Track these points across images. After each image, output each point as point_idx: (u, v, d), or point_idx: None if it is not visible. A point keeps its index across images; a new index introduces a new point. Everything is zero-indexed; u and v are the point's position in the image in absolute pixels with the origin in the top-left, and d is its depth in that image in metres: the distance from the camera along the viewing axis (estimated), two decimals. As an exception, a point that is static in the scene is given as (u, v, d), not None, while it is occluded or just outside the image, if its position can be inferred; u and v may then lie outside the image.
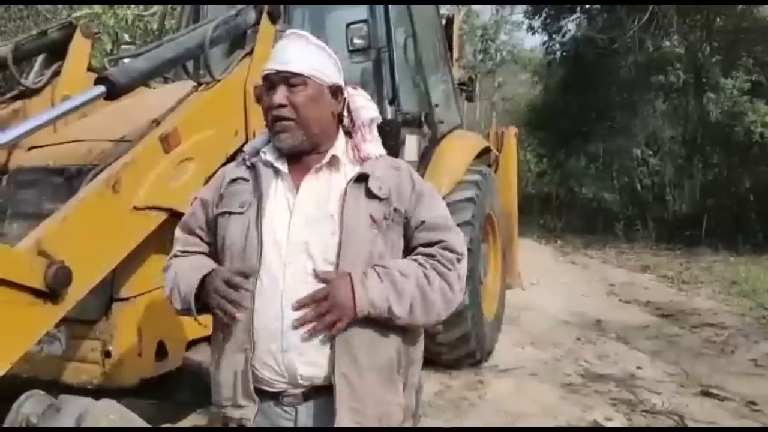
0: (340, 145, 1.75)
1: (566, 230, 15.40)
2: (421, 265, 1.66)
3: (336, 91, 1.75)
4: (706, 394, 4.67)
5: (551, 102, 17.95)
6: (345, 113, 1.80)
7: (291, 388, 1.63)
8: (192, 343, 2.86)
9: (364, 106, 1.80)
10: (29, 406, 1.58)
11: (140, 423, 1.67)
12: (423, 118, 4.69)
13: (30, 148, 2.84)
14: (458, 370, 4.87)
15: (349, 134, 1.80)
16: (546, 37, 17.37)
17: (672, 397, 4.55)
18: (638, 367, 5.26)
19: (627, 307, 7.69)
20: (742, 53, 13.36)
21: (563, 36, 17.02)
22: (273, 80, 1.68)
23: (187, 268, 1.73)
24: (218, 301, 1.61)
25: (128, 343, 2.58)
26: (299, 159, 1.72)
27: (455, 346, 4.69)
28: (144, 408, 2.76)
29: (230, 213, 1.71)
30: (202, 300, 1.67)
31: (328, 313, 1.58)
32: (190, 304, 1.68)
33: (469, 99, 6.56)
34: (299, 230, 1.64)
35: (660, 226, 14.42)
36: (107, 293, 2.54)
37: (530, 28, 17.59)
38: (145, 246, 2.51)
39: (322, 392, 1.63)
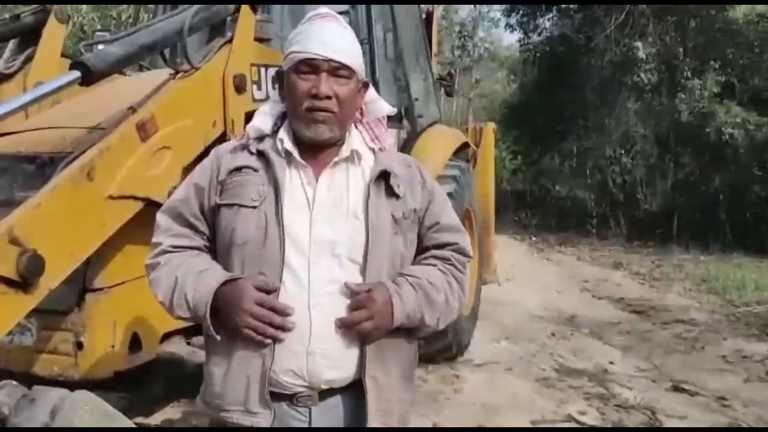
0: (356, 139, 1.67)
1: (540, 227, 15.53)
2: (442, 272, 1.66)
3: (363, 86, 1.67)
4: (677, 389, 4.75)
5: (527, 100, 18.05)
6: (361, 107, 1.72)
7: (308, 390, 1.56)
8: (166, 336, 2.82)
9: (378, 98, 1.74)
10: (2, 396, 1.53)
11: (117, 415, 1.63)
12: (403, 112, 4.67)
13: (1, 135, 2.76)
14: (434, 364, 4.88)
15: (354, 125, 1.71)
16: (522, 35, 17.49)
17: (644, 392, 4.62)
18: (611, 362, 5.34)
19: (600, 303, 7.80)
20: (713, 55, 13.58)
21: (539, 34, 17.13)
22: (318, 66, 1.54)
23: (189, 272, 1.57)
24: (249, 322, 1.48)
25: (101, 334, 2.53)
26: (315, 150, 1.61)
27: (432, 340, 4.67)
28: (116, 401, 2.71)
29: (240, 206, 1.56)
30: (218, 313, 1.53)
31: (365, 321, 1.53)
32: (203, 317, 1.53)
33: (449, 94, 6.56)
34: (322, 227, 1.55)
35: (632, 224, 14.63)
36: (80, 283, 2.48)
37: (508, 25, 17.67)
38: (120, 236, 2.45)
39: (337, 392, 1.59)
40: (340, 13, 4.00)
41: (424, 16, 5.85)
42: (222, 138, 2.83)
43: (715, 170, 13.69)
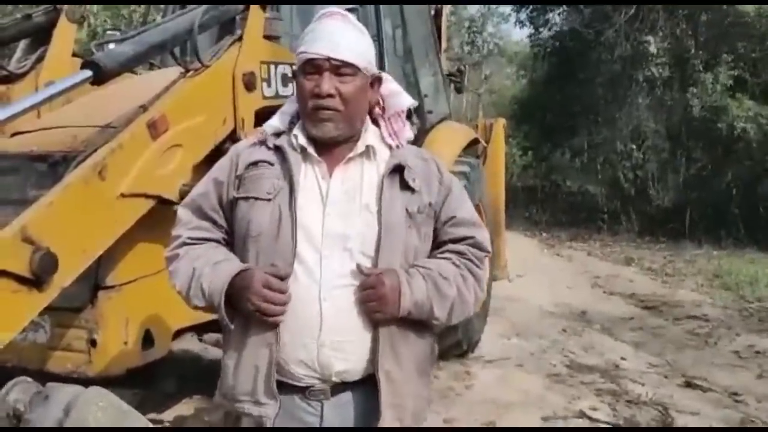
0: (372, 134, 1.69)
1: (551, 223, 15.47)
2: (456, 266, 1.65)
3: (375, 81, 1.68)
4: (689, 385, 4.73)
5: (537, 95, 17.97)
6: (379, 101, 1.73)
7: (319, 383, 1.59)
8: (178, 333, 2.84)
9: (399, 92, 1.75)
10: (16, 393, 1.55)
11: (130, 411, 1.65)
12: (412, 109, 4.66)
13: (13, 134, 2.79)
14: (445, 361, 4.88)
15: (374, 121, 1.73)
16: (532, 30, 17.39)
17: (656, 388, 4.60)
18: (622, 358, 5.32)
19: (611, 299, 7.76)
20: (725, 49, 13.46)
21: (549, 29, 17.04)
22: (320, 66, 1.57)
23: (207, 263, 1.61)
24: (259, 305, 1.51)
25: (114, 331, 2.55)
26: (330, 146, 1.64)
27: (442, 336, 4.68)
28: (129, 397, 2.73)
29: (255, 199, 1.60)
30: (232, 302, 1.57)
31: (372, 302, 1.54)
32: (218, 306, 1.56)
33: (459, 90, 6.54)
34: (335, 221, 1.58)
35: (643, 219, 14.52)
36: (93, 281, 2.50)
37: (518, 21, 17.59)
38: (131, 233, 2.47)
39: (350, 387, 1.60)
40: (349, 10, 4.02)
41: (433, 12, 5.84)
42: (232, 135, 2.85)
43: (727, 165, 13.56)
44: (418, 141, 4.82)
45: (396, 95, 1.74)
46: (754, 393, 4.57)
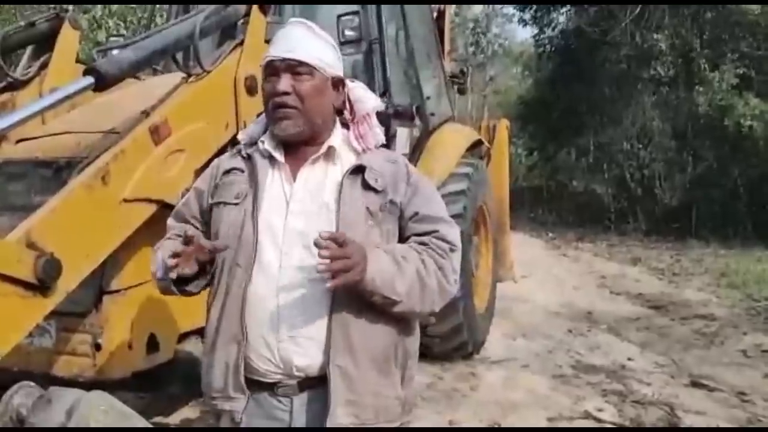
0: (337, 137, 1.74)
1: (557, 223, 15.47)
2: (417, 252, 1.64)
3: (338, 83, 1.73)
4: (696, 384, 4.71)
5: (542, 95, 17.96)
6: (345, 105, 1.78)
7: (286, 379, 1.62)
8: (184, 336, 2.85)
9: (366, 97, 1.79)
10: (19, 397, 1.57)
11: (132, 415, 1.66)
12: (414, 111, 4.67)
13: (18, 141, 2.81)
14: (450, 362, 4.89)
15: (346, 126, 1.78)
16: (537, 30, 17.36)
17: (662, 388, 4.59)
18: (629, 358, 5.31)
19: (618, 299, 7.75)
20: (730, 47, 13.41)
21: (554, 29, 17.01)
22: (277, 67, 1.65)
23: (170, 241, 1.72)
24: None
25: (119, 335, 2.56)
26: (296, 149, 1.70)
27: (447, 337, 4.69)
28: (134, 401, 2.75)
29: (225, 203, 1.70)
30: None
31: (340, 259, 1.46)
32: (153, 274, 1.67)
33: (461, 92, 6.55)
34: (296, 221, 1.63)
35: (650, 218, 14.49)
36: (97, 286, 2.51)
37: (521, 20, 17.57)
38: (135, 238, 2.48)
39: (317, 383, 1.61)
40: (351, 13, 4.04)
41: (436, 13, 5.86)
42: (234, 140, 2.86)
43: (734, 163, 13.51)
44: (420, 143, 4.84)
45: (362, 100, 1.78)
46: (761, 392, 4.55)
